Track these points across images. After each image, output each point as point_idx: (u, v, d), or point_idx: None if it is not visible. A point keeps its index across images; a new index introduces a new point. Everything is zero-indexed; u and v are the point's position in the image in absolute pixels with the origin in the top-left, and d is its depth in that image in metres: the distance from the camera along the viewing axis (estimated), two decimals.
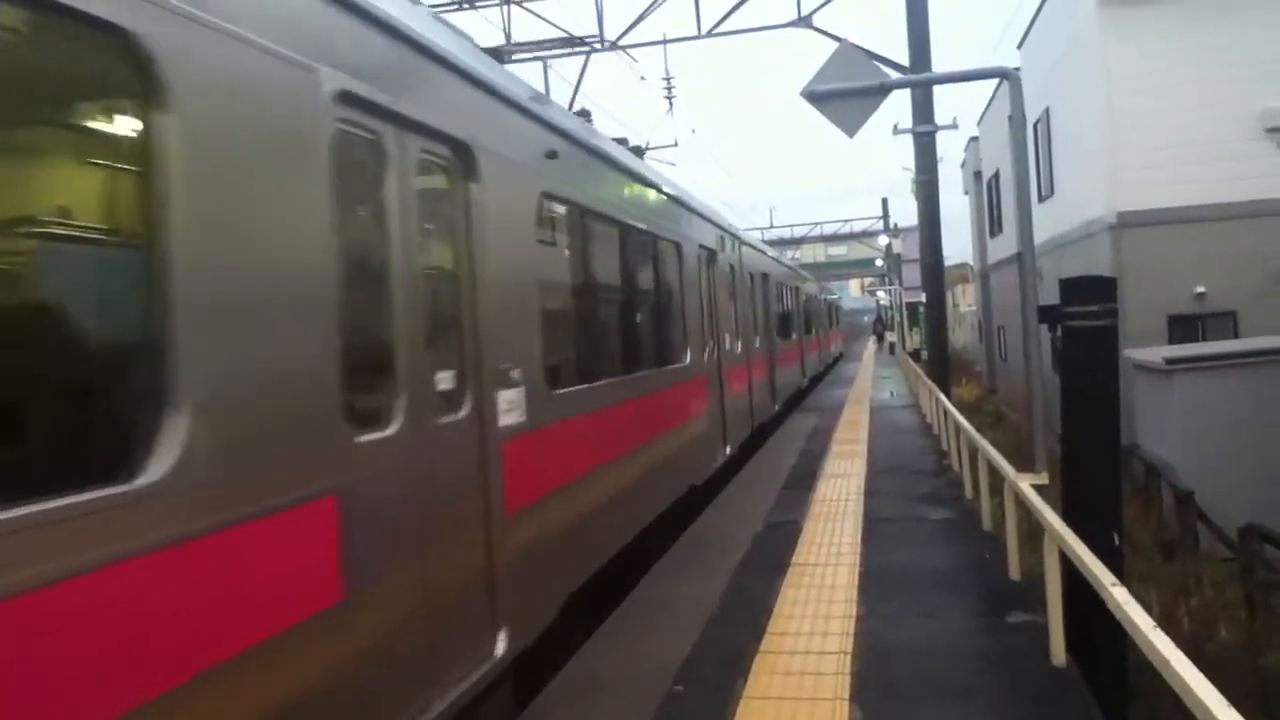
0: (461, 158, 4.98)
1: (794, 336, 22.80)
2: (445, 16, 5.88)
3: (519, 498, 5.30)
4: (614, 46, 20.41)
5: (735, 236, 14.56)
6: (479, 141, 5.08)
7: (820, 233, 69.36)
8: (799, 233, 68.34)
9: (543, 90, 7.52)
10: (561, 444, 6.10)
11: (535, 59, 20.96)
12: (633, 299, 8.59)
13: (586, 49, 20.38)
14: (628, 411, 7.70)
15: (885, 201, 61.47)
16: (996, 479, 8.47)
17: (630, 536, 7.60)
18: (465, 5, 19.38)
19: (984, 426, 16.69)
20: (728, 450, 12.33)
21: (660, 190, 9.82)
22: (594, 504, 6.71)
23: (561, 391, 6.17)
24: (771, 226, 64.41)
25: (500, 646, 5.00)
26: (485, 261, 5.08)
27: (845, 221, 69.01)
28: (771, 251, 21.27)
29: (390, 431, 4.11)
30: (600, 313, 7.69)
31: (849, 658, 5.73)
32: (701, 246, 11.63)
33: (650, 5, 19.24)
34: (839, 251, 74.68)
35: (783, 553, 8.36)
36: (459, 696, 4.45)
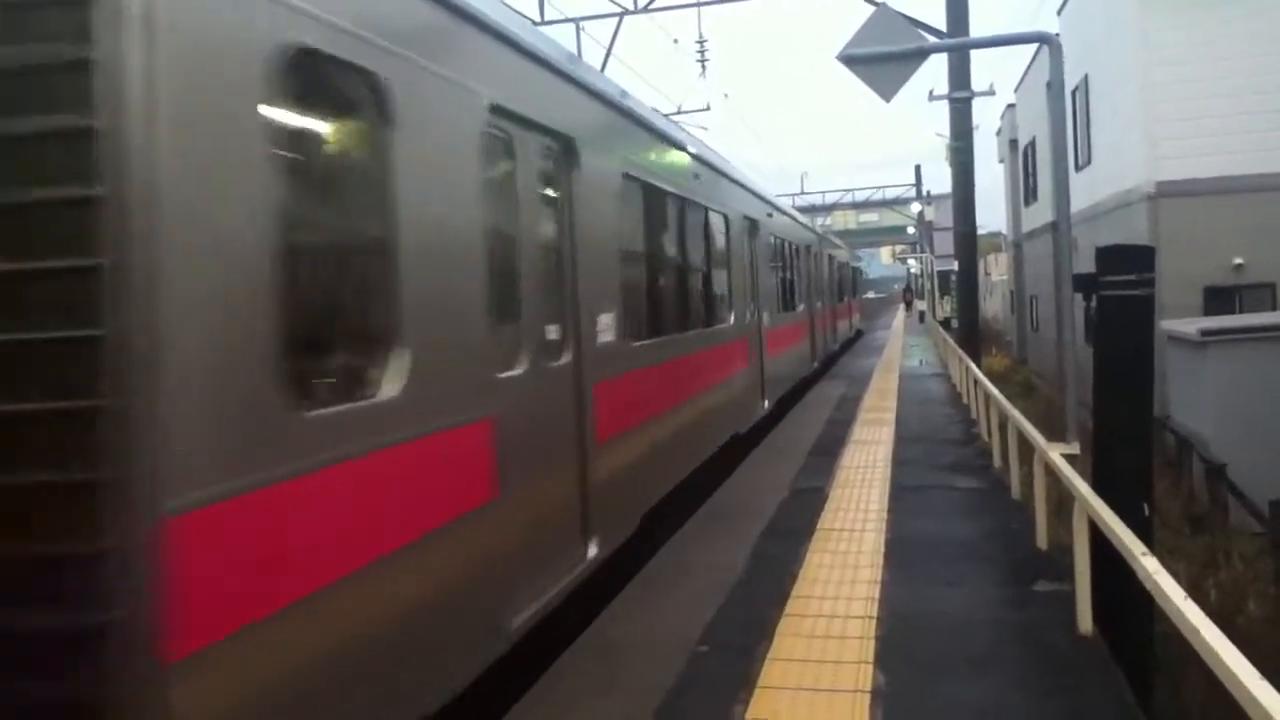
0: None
1: (747, 319, 12.76)
2: None
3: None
4: (647, 9, 20.23)
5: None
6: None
7: (852, 199, 68.88)
8: (830, 199, 67.88)
9: (574, 52, 7.35)
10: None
11: (567, 21, 20.82)
12: None
13: (619, 12, 20.22)
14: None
15: (918, 168, 60.83)
16: (1026, 449, 8.42)
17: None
18: None
19: (1014, 397, 16.54)
20: None
21: None
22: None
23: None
24: (803, 193, 63.98)
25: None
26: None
27: (878, 188, 68.48)
28: (714, 157, 11.52)
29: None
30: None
31: (873, 623, 5.74)
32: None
33: None
34: (870, 218, 74.18)
35: (808, 519, 8.36)
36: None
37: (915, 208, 58.88)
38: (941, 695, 4.77)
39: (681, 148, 9.50)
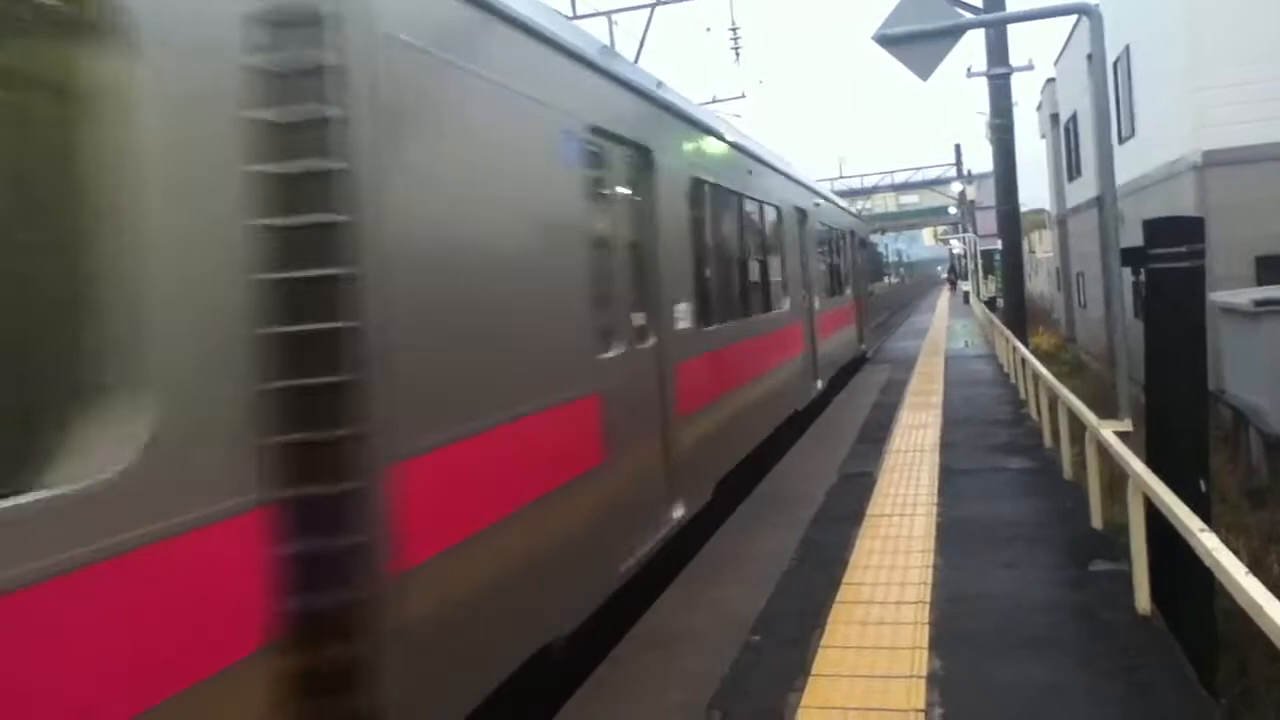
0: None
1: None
2: None
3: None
4: None
5: None
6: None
7: (891, 181, 68.22)
8: (870, 182, 67.27)
9: (608, 44, 7.33)
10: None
11: (599, 14, 20.78)
12: None
13: (651, 2, 20.15)
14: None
15: (958, 147, 60.16)
16: (1077, 427, 8.31)
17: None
18: None
19: (1063, 375, 16.33)
20: None
21: None
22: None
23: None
24: (841, 176, 63.48)
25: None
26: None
27: (917, 169, 67.72)
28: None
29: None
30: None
31: (928, 608, 5.70)
32: None
33: None
34: (911, 200, 73.43)
35: (858, 504, 8.31)
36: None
37: (956, 187, 58.23)
38: (998, 678, 4.73)
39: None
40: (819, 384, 14.21)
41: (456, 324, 4.07)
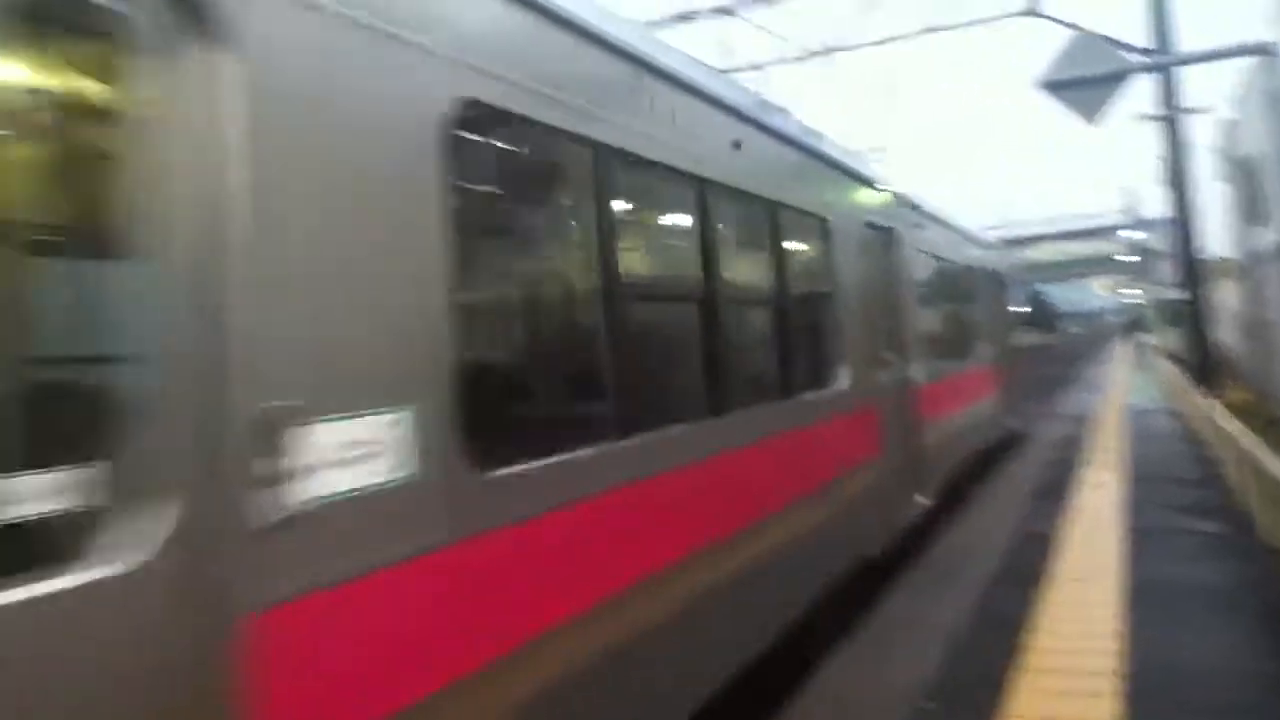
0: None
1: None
2: (661, 34, 5.81)
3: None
4: (829, 50, 20.22)
5: None
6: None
7: (1058, 230, 66.18)
8: (1034, 231, 65.40)
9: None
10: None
11: (753, 68, 21.04)
12: None
13: (802, 55, 20.29)
14: None
15: (1132, 192, 57.93)
16: (1273, 487, 7.78)
17: None
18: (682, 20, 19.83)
19: (1254, 432, 15.37)
20: None
21: None
22: None
23: None
24: (1004, 225, 61.94)
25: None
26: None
27: (1089, 216, 65.42)
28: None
29: None
30: None
31: (1117, 678, 5.39)
32: None
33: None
34: (1077, 248, 71.00)
35: (1036, 565, 7.96)
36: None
37: (1127, 234, 55.96)
38: None
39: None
40: (922, 498, 9.64)
41: None
